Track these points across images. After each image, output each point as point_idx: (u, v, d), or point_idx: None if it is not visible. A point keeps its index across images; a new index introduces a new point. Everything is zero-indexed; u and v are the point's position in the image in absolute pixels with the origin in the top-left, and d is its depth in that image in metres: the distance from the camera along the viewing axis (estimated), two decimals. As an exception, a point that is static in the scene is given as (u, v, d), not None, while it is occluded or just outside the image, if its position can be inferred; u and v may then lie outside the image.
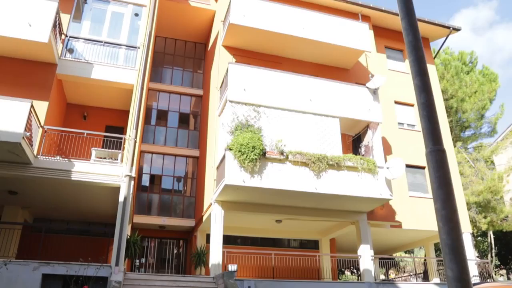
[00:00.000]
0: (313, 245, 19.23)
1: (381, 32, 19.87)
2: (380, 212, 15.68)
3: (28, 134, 10.48)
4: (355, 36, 17.01)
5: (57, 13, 12.77)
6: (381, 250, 21.28)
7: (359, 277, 15.08)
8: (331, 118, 14.73)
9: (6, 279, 9.94)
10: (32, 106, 10.74)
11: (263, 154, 12.97)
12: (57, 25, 12.98)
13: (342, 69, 17.92)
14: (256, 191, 13.01)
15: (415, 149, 17.21)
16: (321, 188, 13.26)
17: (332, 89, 15.34)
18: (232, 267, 12.03)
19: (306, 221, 16.20)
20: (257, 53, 16.88)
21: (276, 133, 13.74)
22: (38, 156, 11.66)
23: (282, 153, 13.27)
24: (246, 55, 16.65)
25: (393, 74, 19.06)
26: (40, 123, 11.98)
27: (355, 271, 29.48)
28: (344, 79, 17.06)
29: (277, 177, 12.97)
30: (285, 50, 16.95)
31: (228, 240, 16.24)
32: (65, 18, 14.00)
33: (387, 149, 16.84)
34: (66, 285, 10.29)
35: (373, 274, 14.40)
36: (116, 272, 10.85)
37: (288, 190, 13.03)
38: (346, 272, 31.21)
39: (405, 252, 32.17)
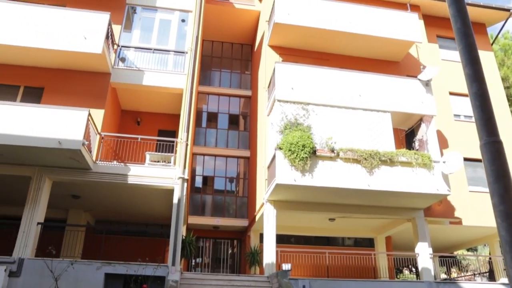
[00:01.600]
0: (368, 243, 18.81)
1: (432, 21, 19.08)
2: (437, 208, 15.05)
3: (86, 142, 11.04)
4: (404, 27, 16.48)
5: (109, 24, 13.37)
6: (440, 248, 20.44)
7: (418, 276, 14.56)
8: (382, 113, 14.35)
9: (73, 277, 10.54)
10: (89, 114, 11.31)
11: (314, 152, 12.87)
12: (109, 36, 13.58)
13: (392, 62, 17.41)
14: (307, 189, 12.93)
15: (474, 141, 16.34)
16: (374, 185, 12.95)
17: (382, 83, 14.94)
18: (286, 266, 12.02)
19: (360, 219, 15.87)
20: (304, 51, 16.77)
21: (325, 130, 13.59)
22: (97, 162, 12.27)
23: (332, 150, 13.10)
24: (293, 53, 16.59)
25: (446, 64, 18.23)
26: (97, 130, 12.60)
27: (413, 269, 28.53)
28: (394, 72, 16.58)
29: (328, 175, 12.82)
30: (332, 46, 16.72)
31: (282, 239, 16.24)
32: (116, 28, 14.61)
33: (443, 143, 16.14)
34: (127, 284, 10.73)
35: (433, 273, 13.86)
36: (173, 272, 11.17)
37: (340, 188, 12.85)
38: (404, 271, 30.27)
39: (468, 250, 30.66)
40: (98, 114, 13.03)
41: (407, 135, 15.77)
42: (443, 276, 25.81)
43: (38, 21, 12.89)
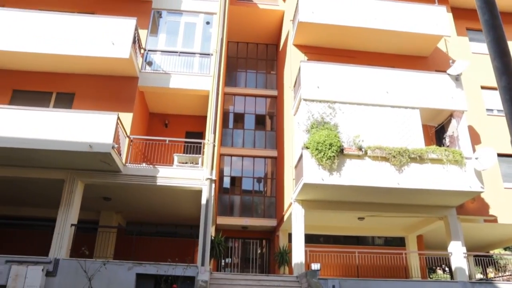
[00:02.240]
0: (399, 242, 18.46)
1: (461, 13, 18.54)
2: (471, 206, 14.64)
3: (116, 145, 11.30)
4: (431, 21, 16.10)
5: (136, 29, 13.64)
6: (476, 247, 19.86)
7: (452, 276, 14.20)
8: (410, 109, 14.08)
9: (106, 278, 10.81)
10: (118, 118, 11.57)
11: (341, 150, 12.75)
12: (136, 41, 13.85)
13: (420, 57, 17.03)
14: (335, 188, 12.82)
15: (508, 136, 15.80)
16: (404, 183, 12.71)
17: (410, 79, 14.66)
18: (315, 266, 11.97)
19: (390, 217, 15.62)
20: (329, 49, 16.62)
21: (353, 128, 13.44)
22: (126, 164, 12.53)
23: (360, 148, 12.94)
24: (318, 52, 16.48)
25: (477, 58, 17.67)
26: (126, 133, 12.86)
27: (447, 269, 27.84)
28: (422, 68, 16.22)
29: (356, 174, 12.67)
30: (357, 43, 16.51)
31: (311, 239, 16.16)
32: (142, 33, 14.87)
33: (475, 138, 15.68)
34: (157, 284, 10.91)
35: (467, 273, 13.49)
36: (203, 272, 11.28)
37: (369, 187, 12.68)
38: (437, 270, 29.59)
39: (505, 249, 29.68)
40: (127, 118, 13.30)
41: (437, 132, 15.41)
42: (479, 276, 25.10)
43: (68, 28, 13.28)
